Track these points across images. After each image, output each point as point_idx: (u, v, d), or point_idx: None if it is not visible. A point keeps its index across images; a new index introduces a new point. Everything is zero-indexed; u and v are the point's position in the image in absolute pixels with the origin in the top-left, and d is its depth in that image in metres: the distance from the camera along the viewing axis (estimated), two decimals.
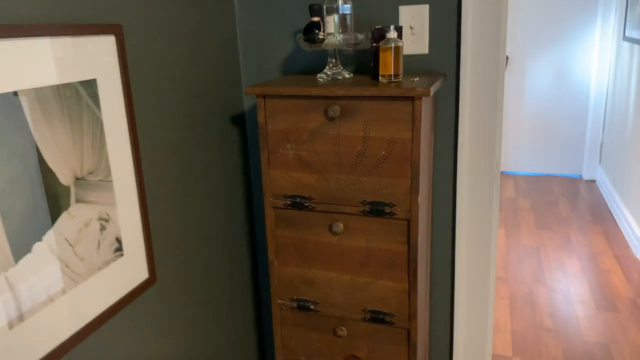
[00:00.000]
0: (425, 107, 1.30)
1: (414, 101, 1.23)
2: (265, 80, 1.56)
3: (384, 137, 1.29)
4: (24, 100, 0.87)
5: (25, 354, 0.91)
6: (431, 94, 1.21)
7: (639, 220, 3.39)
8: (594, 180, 4.76)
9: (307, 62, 1.64)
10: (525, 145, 4.98)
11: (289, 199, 1.43)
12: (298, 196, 1.42)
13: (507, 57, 4.61)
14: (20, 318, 0.89)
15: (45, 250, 0.93)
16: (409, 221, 1.33)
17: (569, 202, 4.33)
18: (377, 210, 1.35)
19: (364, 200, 1.36)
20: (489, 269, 1.63)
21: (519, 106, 4.85)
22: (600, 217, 3.97)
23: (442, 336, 1.75)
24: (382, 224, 1.36)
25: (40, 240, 0.92)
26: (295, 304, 1.53)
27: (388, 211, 1.34)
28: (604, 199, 4.32)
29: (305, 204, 1.42)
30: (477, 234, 1.60)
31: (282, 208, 1.45)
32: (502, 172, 5.07)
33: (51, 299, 0.95)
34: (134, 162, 1.16)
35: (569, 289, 2.99)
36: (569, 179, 4.87)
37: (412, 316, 1.41)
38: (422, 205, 1.35)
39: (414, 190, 1.30)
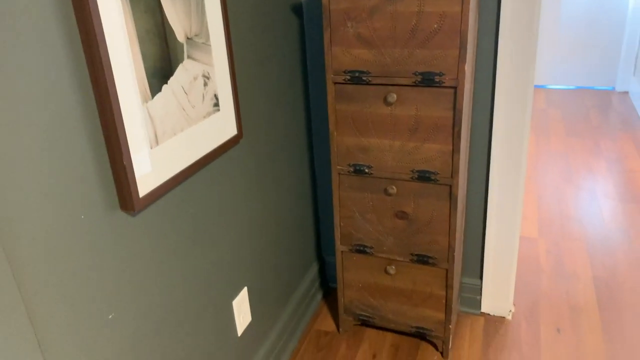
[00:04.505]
0: None
1: None
2: None
3: (436, 11, 1.46)
4: None
5: (160, 172, 1.18)
6: None
7: None
8: (627, 92, 4.80)
9: None
10: (559, 59, 4.99)
11: (348, 74, 1.64)
12: (357, 71, 1.63)
13: None
14: (156, 141, 1.15)
15: (170, 92, 1.18)
16: (455, 88, 1.53)
17: (600, 112, 4.42)
18: (428, 79, 1.55)
19: (416, 71, 1.56)
20: (522, 136, 1.83)
21: (555, 18, 4.82)
22: (631, 126, 4.08)
23: (478, 196, 1.99)
24: (432, 93, 1.57)
25: (166, 83, 1.16)
26: (352, 169, 1.78)
27: (437, 80, 1.54)
28: (635, 110, 4.39)
29: (363, 78, 1.63)
30: (513, 104, 1.79)
31: (342, 83, 1.67)
32: (534, 86, 5.13)
33: (174, 132, 1.21)
34: (225, 33, 1.37)
35: (594, 186, 3.18)
36: (601, 92, 4.92)
37: (454, 172, 1.64)
38: (467, 74, 1.54)
39: (461, 59, 1.49)
